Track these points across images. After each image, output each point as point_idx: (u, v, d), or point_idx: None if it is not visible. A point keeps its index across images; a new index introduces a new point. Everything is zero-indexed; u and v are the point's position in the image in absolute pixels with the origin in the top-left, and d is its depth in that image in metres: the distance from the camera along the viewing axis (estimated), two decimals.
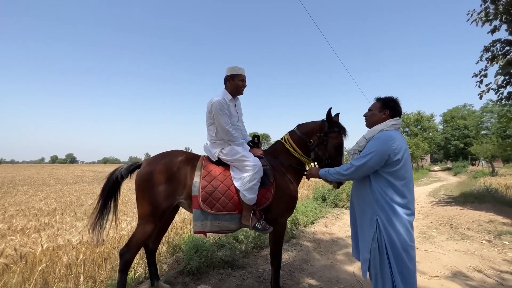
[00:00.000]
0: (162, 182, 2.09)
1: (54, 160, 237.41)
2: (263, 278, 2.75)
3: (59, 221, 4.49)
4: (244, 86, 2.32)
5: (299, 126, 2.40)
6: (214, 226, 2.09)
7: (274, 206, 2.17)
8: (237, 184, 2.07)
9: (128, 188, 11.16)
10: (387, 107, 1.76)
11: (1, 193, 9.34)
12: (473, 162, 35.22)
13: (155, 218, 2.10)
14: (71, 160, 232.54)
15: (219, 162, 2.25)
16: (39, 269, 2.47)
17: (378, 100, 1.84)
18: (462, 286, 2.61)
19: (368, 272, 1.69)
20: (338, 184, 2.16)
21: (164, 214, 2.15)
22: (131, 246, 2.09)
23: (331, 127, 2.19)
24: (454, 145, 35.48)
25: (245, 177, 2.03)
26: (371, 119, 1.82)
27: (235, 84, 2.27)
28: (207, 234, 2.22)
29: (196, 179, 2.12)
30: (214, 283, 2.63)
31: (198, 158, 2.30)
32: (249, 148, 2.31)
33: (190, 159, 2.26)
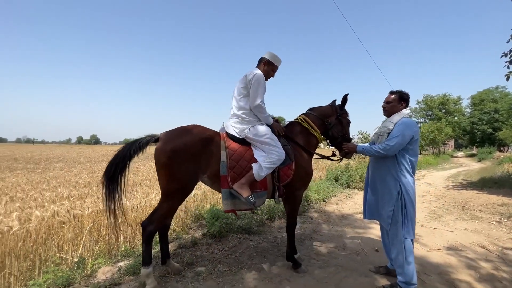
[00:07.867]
0: (187, 159, 2.03)
1: (80, 140, 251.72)
2: (276, 243, 3.10)
3: (96, 192, 5.08)
4: (273, 76, 2.54)
5: (312, 109, 2.73)
6: (242, 204, 2.19)
7: (293, 182, 2.36)
8: (259, 158, 2.19)
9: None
10: (403, 100, 2.23)
11: (41, 169, 10.37)
12: (501, 148, 33.25)
13: (181, 195, 2.10)
14: (95, 141, 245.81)
15: (242, 141, 2.29)
16: (88, 227, 2.95)
17: (394, 93, 2.27)
18: (462, 258, 2.79)
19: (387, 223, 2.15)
20: (350, 155, 2.63)
21: (189, 191, 2.17)
22: (154, 219, 2.06)
23: (342, 109, 2.71)
24: (481, 130, 33.54)
25: (270, 157, 2.17)
26: (392, 110, 2.25)
27: (268, 70, 2.44)
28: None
29: (223, 158, 2.14)
30: (233, 245, 3.02)
31: (218, 135, 2.28)
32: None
33: (212, 135, 2.22)
